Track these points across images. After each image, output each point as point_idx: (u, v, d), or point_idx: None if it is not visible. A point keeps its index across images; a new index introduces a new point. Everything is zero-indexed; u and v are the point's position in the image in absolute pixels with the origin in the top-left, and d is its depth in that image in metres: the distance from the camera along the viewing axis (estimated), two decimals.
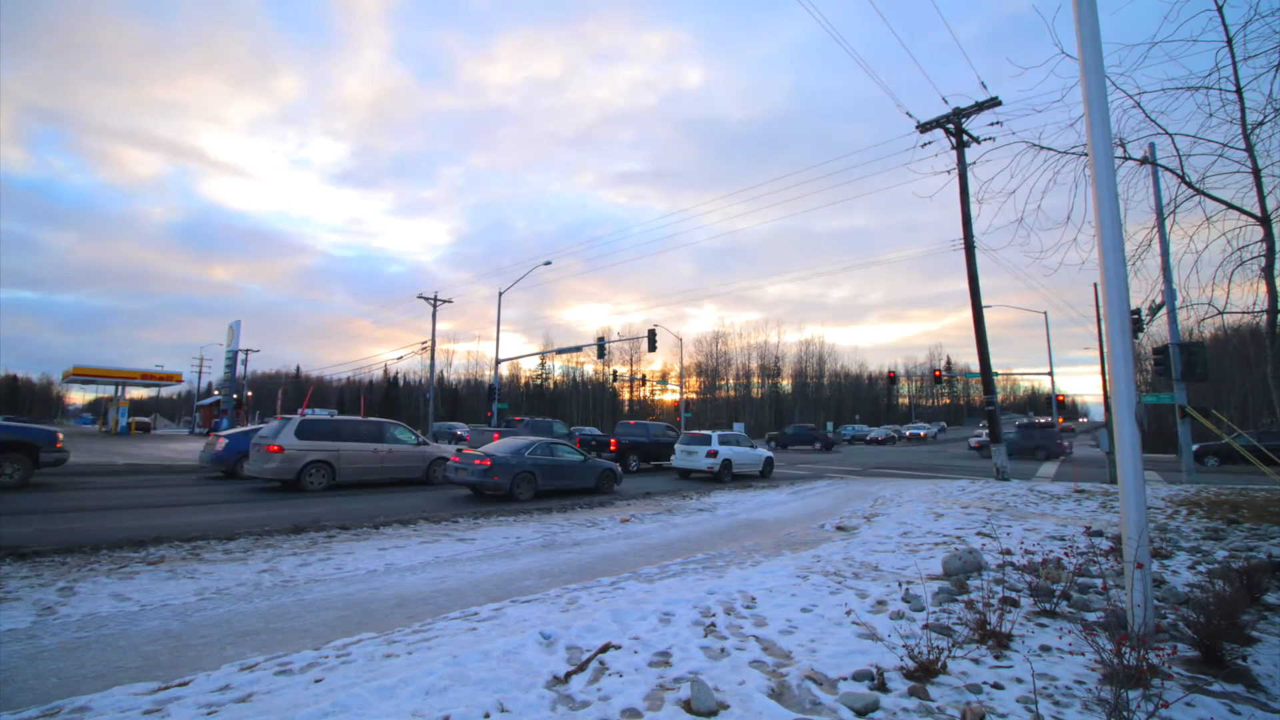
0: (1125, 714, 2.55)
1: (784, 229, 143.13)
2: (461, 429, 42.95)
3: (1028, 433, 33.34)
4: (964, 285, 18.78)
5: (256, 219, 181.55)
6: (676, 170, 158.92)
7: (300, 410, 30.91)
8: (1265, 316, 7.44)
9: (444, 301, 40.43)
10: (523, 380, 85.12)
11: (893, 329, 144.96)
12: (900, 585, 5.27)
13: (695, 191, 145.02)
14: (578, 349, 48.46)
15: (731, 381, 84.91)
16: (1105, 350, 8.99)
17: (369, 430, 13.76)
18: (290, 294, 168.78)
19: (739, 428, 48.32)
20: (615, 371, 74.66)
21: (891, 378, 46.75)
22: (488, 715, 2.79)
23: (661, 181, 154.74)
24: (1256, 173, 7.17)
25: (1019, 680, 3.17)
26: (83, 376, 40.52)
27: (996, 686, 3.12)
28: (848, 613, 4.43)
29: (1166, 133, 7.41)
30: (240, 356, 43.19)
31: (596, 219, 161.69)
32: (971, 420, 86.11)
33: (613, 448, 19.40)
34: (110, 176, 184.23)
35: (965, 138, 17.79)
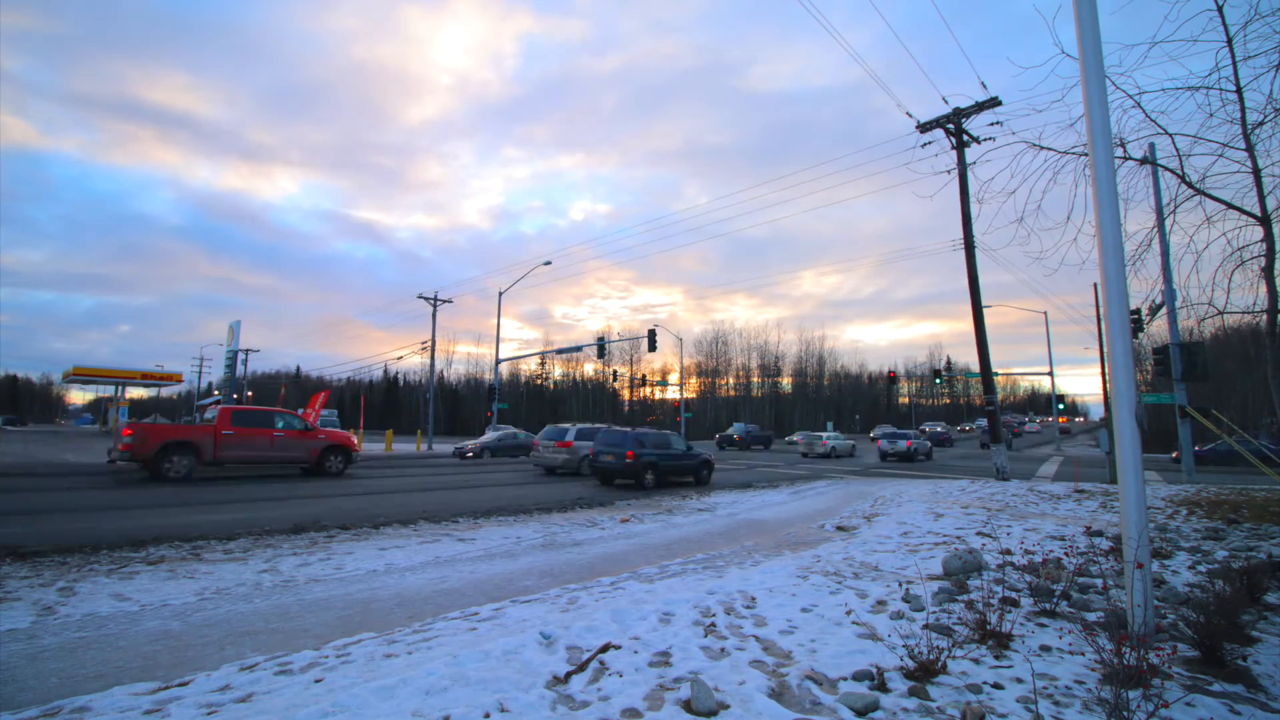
0: (1125, 714, 2.55)
1: (824, 217, 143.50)
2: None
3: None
4: (963, 284, 18.79)
5: (261, 208, 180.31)
6: (721, 150, 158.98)
7: (308, 411, 30.75)
8: (1265, 316, 7.44)
9: (444, 301, 40.38)
10: (523, 379, 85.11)
11: (917, 327, 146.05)
12: (900, 585, 5.27)
13: (744, 174, 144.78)
14: (578, 349, 48.47)
15: (732, 381, 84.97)
16: (1105, 350, 8.99)
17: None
18: (292, 291, 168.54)
19: (738, 428, 48.56)
20: (615, 372, 74.62)
21: (891, 378, 46.79)
22: (488, 715, 2.79)
23: (704, 163, 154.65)
24: (1256, 173, 7.17)
25: (1019, 680, 3.17)
26: (83, 376, 40.58)
27: (996, 686, 3.12)
28: (848, 613, 4.43)
29: (1166, 133, 7.41)
30: (240, 356, 43.20)
31: (630, 206, 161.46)
32: (971, 420, 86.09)
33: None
34: (112, 160, 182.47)
35: (965, 138, 17.80)
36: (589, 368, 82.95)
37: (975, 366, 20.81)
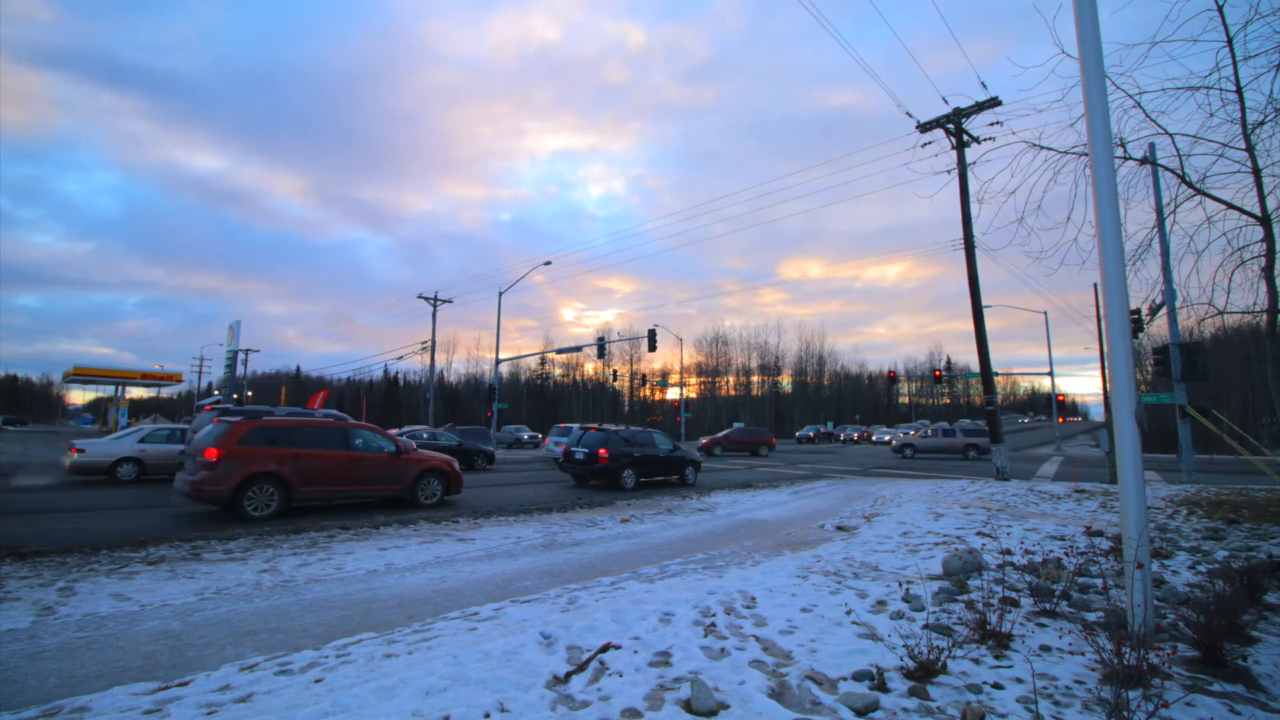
0: (1125, 714, 2.55)
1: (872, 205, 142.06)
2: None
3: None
4: (964, 284, 18.79)
5: (258, 196, 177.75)
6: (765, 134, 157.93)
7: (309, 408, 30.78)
8: (1265, 316, 7.43)
9: (444, 301, 40.42)
10: (523, 379, 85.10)
11: (919, 327, 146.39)
12: (900, 585, 5.27)
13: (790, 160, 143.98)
14: (578, 349, 48.46)
15: (732, 381, 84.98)
16: (1105, 350, 9.00)
17: None
18: (294, 290, 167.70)
19: (739, 427, 48.63)
20: (615, 371, 74.58)
21: (891, 378, 46.78)
22: (488, 715, 2.79)
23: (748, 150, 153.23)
24: (1256, 173, 7.16)
25: (1019, 680, 3.17)
26: (83, 376, 40.59)
27: (996, 686, 3.12)
28: (848, 613, 4.43)
29: (1166, 133, 7.40)
30: (240, 356, 43.19)
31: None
32: (971, 420, 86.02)
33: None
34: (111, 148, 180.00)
35: (965, 138, 17.79)
36: (589, 367, 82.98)
37: (975, 366, 20.81)
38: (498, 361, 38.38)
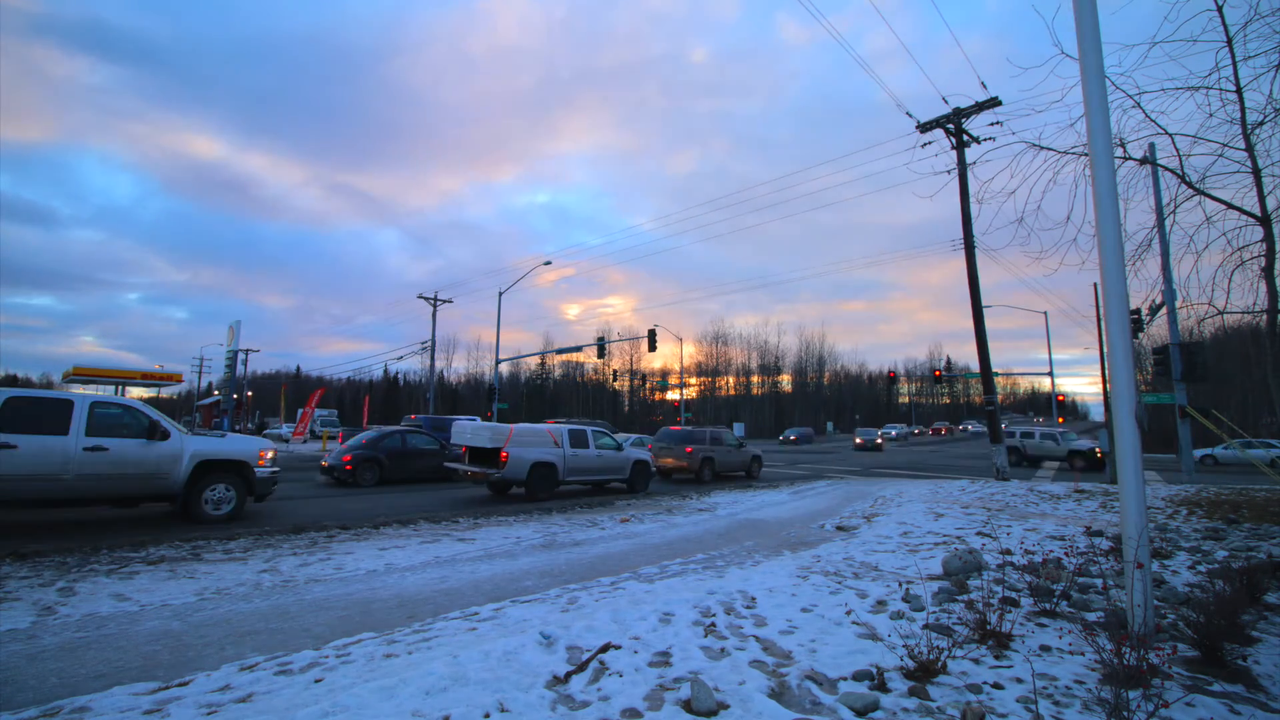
0: (1125, 714, 2.55)
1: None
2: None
3: None
4: (964, 284, 18.78)
5: (253, 186, 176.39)
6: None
7: (305, 410, 30.73)
8: (1265, 316, 7.44)
9: (444, 301, 40.47)
10: (523, 378, 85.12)
11: (918, 327, 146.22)
12: (900, 585, 5.27)
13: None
14: (577, 349, 48.36)
15: (732, 381, 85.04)
16: (1105, 350, 9.00)
17: None
18: (297, 288, 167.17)
19: (738, 428, 48.63)
20: (615, 371, 74.59)
21: (891, 378, 46.82)
22: (488, 715, 2.79)
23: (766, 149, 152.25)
24: (1256, 173, 7.17)
25: (1019, 680, 3.17)
26: (83, 376, 40.53)
27: (996, 686, 3.12)
28: (848, 613, 4.43)
29: (1166, 133, 7.41)
30: (240, 356, 43.16)
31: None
32: (970, 420, 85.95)
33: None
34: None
35: (965, 138, 17.79)
36: (590, 367, 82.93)
37: (975, 366, 20.81)
38: (498, 361, 38.40)
